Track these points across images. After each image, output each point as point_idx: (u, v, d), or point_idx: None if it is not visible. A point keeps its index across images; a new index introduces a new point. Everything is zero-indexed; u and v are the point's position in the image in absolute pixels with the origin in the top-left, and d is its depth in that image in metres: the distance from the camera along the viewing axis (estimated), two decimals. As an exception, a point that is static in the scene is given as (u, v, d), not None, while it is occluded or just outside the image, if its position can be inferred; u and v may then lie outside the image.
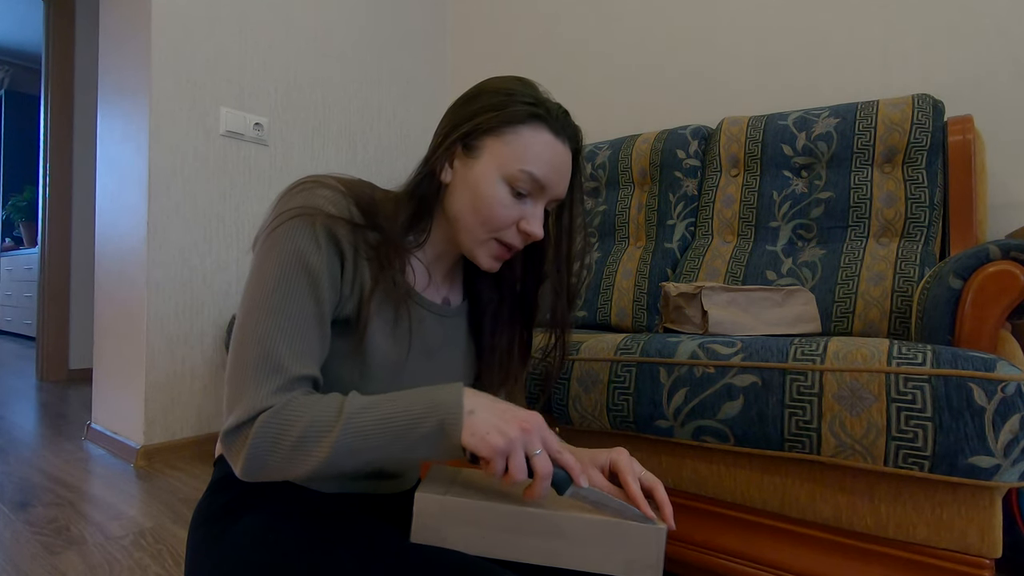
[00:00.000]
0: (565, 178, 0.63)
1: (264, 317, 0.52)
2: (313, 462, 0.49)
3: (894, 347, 0.74)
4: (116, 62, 1.88)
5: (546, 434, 0.51)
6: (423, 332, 0.65)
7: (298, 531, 0.54)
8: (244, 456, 0.49)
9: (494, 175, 0.59)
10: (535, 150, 0.59)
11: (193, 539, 0.60)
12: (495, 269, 0.64)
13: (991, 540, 0.69)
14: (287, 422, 0.49)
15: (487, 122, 0.60)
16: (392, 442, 0.50)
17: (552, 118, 0.60)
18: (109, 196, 1.90)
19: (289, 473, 0.50)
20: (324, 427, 0.49)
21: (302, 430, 0.49)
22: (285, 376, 0.51)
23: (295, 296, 0.53)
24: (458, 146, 0.61)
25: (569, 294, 0.71)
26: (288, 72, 2.01)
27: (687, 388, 0.84)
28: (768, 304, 1.09)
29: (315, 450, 0.49)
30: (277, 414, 0.50)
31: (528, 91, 0.61)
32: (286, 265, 0.53)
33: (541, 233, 0.61)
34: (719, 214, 1.51)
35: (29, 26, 4.52)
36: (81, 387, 2.90)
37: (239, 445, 0.50)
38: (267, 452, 0.49)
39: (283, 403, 0.50)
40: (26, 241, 4.86)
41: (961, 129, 1.28)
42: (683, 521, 0.90)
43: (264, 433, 0.49)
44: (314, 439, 0.49)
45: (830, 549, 0.79)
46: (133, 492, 1.48)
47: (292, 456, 0.49)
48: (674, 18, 1.92)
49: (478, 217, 0.60)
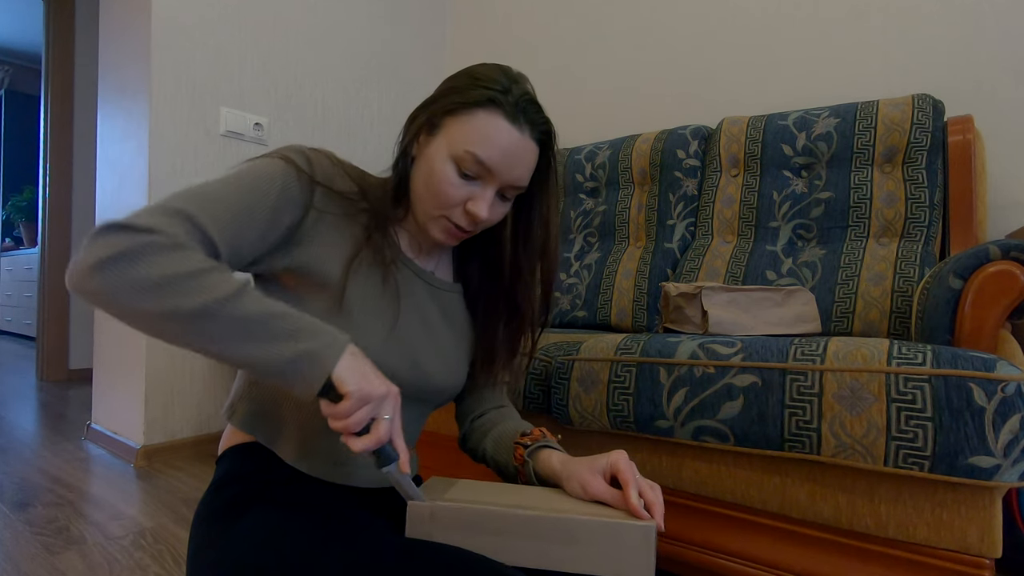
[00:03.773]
0: (520, 166, 0.62)
1: (221, 189, 0.54)
2: (165, 306, 0.45)
3: (894, 347, 0.74)
4: (116, 62, 1.88)
5: (398, 413, 0.53)
6: (413, 296, 0.67)
7: (300, 529, 0.54)
8: (94, 255, 0.44)
9: (445, 153, 0.61)
10: (484, 132, 0.59)
11: (195, 537, 0.60)
12: (451, 243, 0.65)
13: (991, 540, 0.69)
14: (169, 258, 0.46)
15: (449, 103, 0.61)
16: (261, 339, 0.48)
17: (510, 105, 0.60)
18: (109, 196, 1.90)
19: (113, 303, 0.45)
20: (206, 287, 0.46)
21: (177, 271, 0.46)
22: (191, 221, 0.50)
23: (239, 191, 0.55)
24: (425, 124, 0.63)
25: (544, 290, 0.72)
26: (288, 72, 2.01)
27: (687, 388, 0.84)
28: (768, 304, 1.08)
29: (172, 297, 0.45)
30: (169, 242, 0.46)
31: (500, 78, 0.61)
32: (252, 174, 0.56)
33: (485, 215, 0.61)
34: (719, 214, 1.51)
35: (29, 26, 4.52)
36: (81, 387, 2.90)
37: (101, 243, 0.45)
38: (104, 264, 0.44)
39: (169, 236, 0.47)
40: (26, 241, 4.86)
41: (961, 129, 1.28)
42: (683, 521, 0.90)
43: (111, 241, 0.45)
44: (183, 286, 0.45)
45: (830, 549, 0.79)
46: (133, 492, 1.48)
47: (147, 291, 0.45)
48: (674, 18, 1.92)
49: (429, 192, 0.62)
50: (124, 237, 0.45)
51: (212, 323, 0.47)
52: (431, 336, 0.68)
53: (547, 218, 0.69)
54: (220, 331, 0.47)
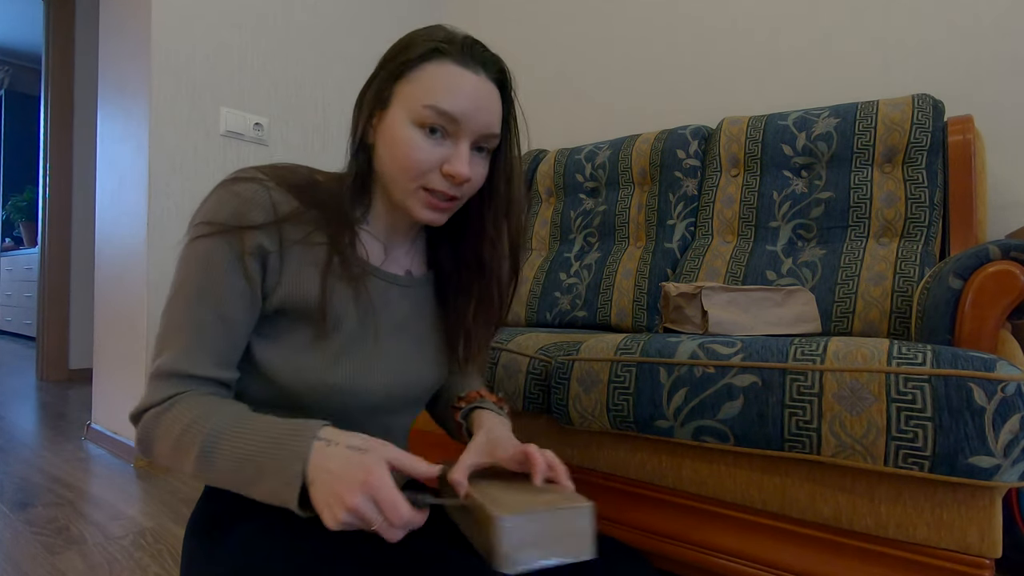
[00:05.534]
0: (486, 110, 0.57)
1: (169, 321, 0.56)
2: (188, 468, 0.52)
3: (894, 347, 0.74)
4: (116, 62, 1.88)
5: (384, 482, 0.46)
6: (388, 305, 0.63)
7: (292, 540, 0.53)
8: (136, 445, 0.56)
9: (404, 119, 0.57)
10: (439, 83, 0.56)
11: (187, 548, 0.60)
12: (439, 221, 0.61)
13: (991, 540, 0.69)
14: (161, 427, 0.53)
15: (392, 69, 0.58)
16: (245, 485, 0.51)
17: (456, 49, 0.57)
18: (109, 196, 1.90)
19: (176, 469, 0.57)
20: (189, 443, 0.52)
21: (176, 437, 0.52)
22: (178, 375, 0.55)
23: (201, 306, 0.55)
24: (374, 101, 0.59)
25: (511, 245, 0.66)
26: (288, 72, 2.01)
27: (687, 388, 0.83)
28: (768, 304, 1.08)
29: (186, 459, 0.52)
30: (157, 416, 0.54)
31: (436, 32, 0.59)
32: (196, 277, 0.55)
33: (466, 172, 0.57)
34: (719, 214, 1.51)
35: (29, 26, 4.52)
36: (81, 387, 2.90)
37: (136, 434, 0.56)
38: (147, 449, 0.55)
39: (168, 404, 0.54)
40: (26, 241, 4.86)
41: (961, 129, 1.28)
42: (683, 521, 0.90)
43: (143, 432, 0.55)
44: (185, 449, 0.52)
45: (830, 549, 0.79)
46: (133, 492, 1.48)
47: (172, 456, 0.53)
48: (674, 18, 1.92)
49: (397, 166, 0.57)
50: (140, 425, 0.55)
51: (211, 475, 0.52)
52: (410, 339, 0.66)
53: (509, 170, 0.64)
54: (219, 480, 0.53)
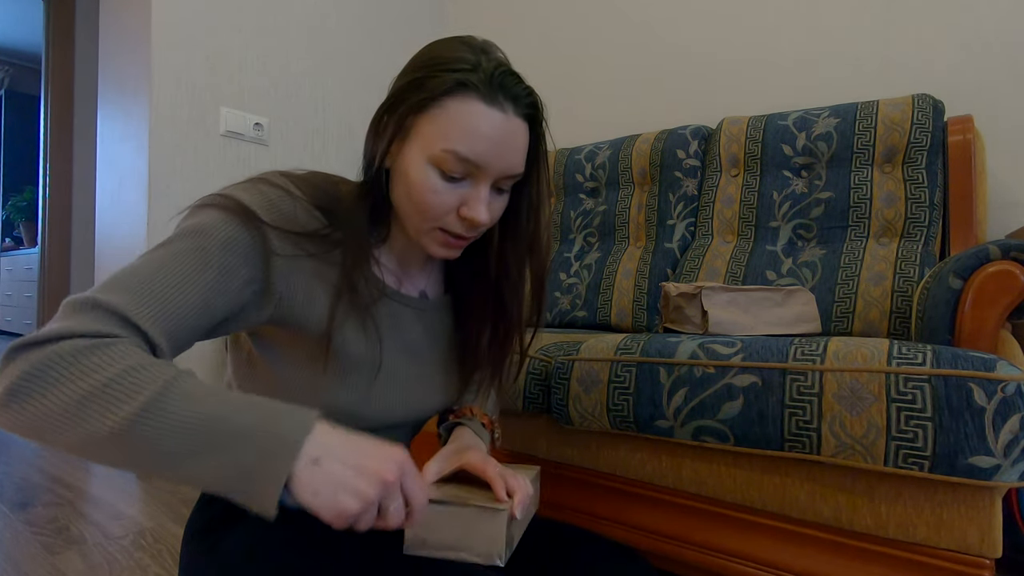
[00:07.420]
0: (511, 151, 0.52)
1: (140, 267, 0.45)
2: (96, 426, 0.38)
3: (894, 347, 0.74)
4: (116, 62, 1.88)
5: (410, 482, 0.42)
6: (399, 328, 0.60)
7: (288, 544, 0.53)
8: (8, 382, 0.38)
9: (421, 159, 0.51)
10: (462, 125, 0.50)
11: (185, 553, 0.60)
12: (454, 256, 0.58)
13: (991, 540, 0.69)
14: (83, 363, 0.38)
15: (412, 100, 0.51)
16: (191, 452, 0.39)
17: (484, 83, 0.50)
18: (109, 196, 1.90)
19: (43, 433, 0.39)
20: (130, 389, 0.38)
21: (106, 379, 0.38)
22: (125, 320, 0.42)
23: (194, 270, 0.46)
24: (391, 128, 0.53)
25: (535, 287, 0.63)
26: (288, 72, 2.01)
27: (687, 388, 0.83)
28: (768, 304, 1.08)
29: (102, 413, 0.38)
30: (84, 348, 0.39)
31: (464, 54, 0.51)
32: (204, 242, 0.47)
33: (484, 218, 0.53)
34: (719, 214, 1.51)
35: (29, 26, 4.52)
36: (81, 387, 2.90)
37: (15, 366, 0.39)
38: (23, 390, 0.38)
39: (110, 341, 0.40)
40: (26, 241, 4.85)
41: (961, 129, 1.28)
42: (683, 521, 0.90)
43: (37, 364, 0.38)
44: (112, 397, 0.38)
45: (830, 549, 0.79)
46: (133, 492, 1.48)
47: (74, 408, 0.38)
48: (674, 18, 1.92)
49: (412, 207, 0.53)
50: (28, 356, 0.39)
51: (137, 440, 0.38)
52: (419, 363, 0.63)
53: (537, 205, 0.60)
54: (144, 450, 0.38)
